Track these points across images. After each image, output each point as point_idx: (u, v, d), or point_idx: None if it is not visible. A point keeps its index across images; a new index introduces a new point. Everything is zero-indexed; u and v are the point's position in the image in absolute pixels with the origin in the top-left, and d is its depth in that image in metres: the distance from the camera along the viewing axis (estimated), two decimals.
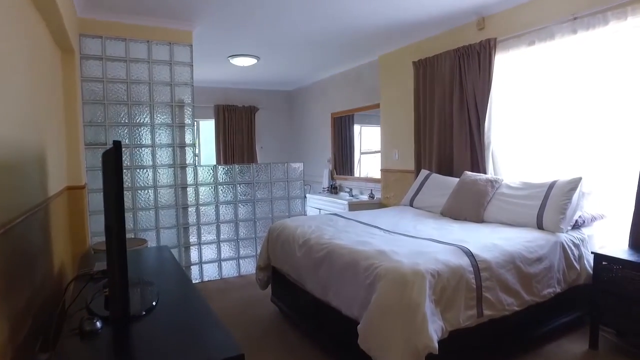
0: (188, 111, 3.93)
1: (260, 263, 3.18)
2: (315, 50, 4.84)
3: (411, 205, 3.78)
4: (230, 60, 5.08)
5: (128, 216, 3.70)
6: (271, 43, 4.50)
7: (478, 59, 3.62)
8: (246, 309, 3.35)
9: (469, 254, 2.14)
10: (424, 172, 3.93)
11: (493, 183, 3.15)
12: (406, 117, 4.55)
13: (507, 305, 2.20)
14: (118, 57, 3.57)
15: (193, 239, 4.05)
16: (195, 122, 6.84)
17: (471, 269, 2.08)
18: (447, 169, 4.01)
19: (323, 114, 6.36)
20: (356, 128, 6.08)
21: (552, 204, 2.66)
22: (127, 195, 3.69)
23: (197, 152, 6.69)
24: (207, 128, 6.87)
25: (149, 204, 3.79)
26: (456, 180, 3.54)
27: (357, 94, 5.54)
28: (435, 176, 3.80)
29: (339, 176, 6.02)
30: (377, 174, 5.48)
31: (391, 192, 4.82)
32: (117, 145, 1.38)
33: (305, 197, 4.89)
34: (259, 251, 4.29)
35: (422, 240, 2.40)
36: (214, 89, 6.75)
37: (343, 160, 6.14)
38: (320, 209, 5.48)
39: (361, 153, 6.09)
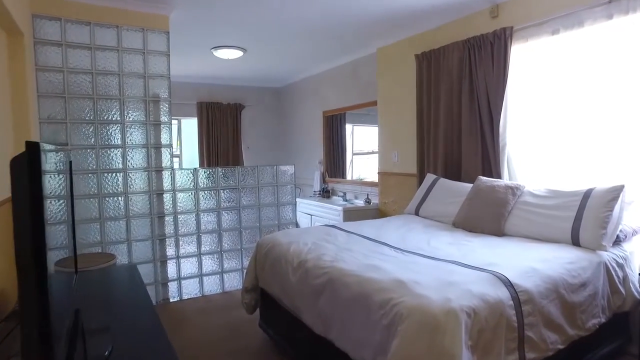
0: (164, 107, 3.44)
1: (247, 284, 2.71)
2: (306, 42, 4.39)
3: (417, 213, 3.35)
4: (214, 53, 4.59)
5: (94, 227, 3.19)
6: (258, 33, 4.03)
7: (491, 51, 3.21)
8: (230, 335, 2.88)
9: (507, 283, 1.71)
10: (430, 177, 3.51)
11: (514, 190, 2.74)
12: (407, 115, 4.13)
13: (551, 343, 1.78)
14: (81, 44, 3.05)
15: (171, 251, 3.56)
16: (176, 121, 6.38)
17: (511, 302, 1.66)
18: (454, 173, 3.60)
19: (314, 113, 5.91)
20: (348, 128, 5.66)
21: (590, 217, 2.26)
22: (93, 203, 3.18)
23: (177, 152, 6.18)
24: (190, 127, 6.35)
25: (118, 213, 3.29)
26: (468, 186, 3.13)
27: (352, 90, 5.10)
28: (444, 181, 3.39)
29: (332, 179, 5.58)
30: (371, 177, 5.08)
31: (390, 197, 4.39)
32: (32, 148, 0.91)
33: (295, 196, 4.44)
34: (245, 264, 3.83)
35: (443, 263, 1.97)
36: (197, 84, 6.23)
37: (335, 161, 5.70)
38: (311, 215, 5.02)
39: (353, 154, 5.67)
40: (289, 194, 4.00)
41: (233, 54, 4.59)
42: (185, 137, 6.34)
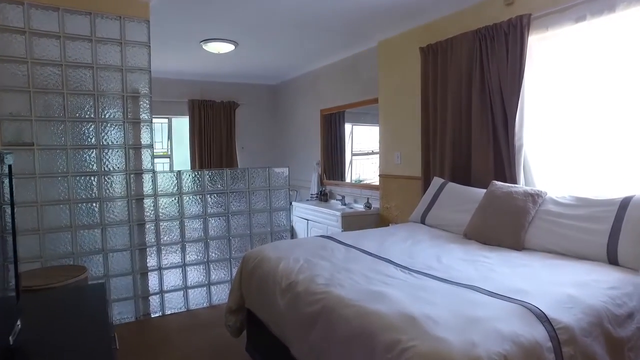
0: (145, 104, 3.09)
1: (231, 304, 2.37)
2: (302, 35, 4.05)
3: (423, 222, 3.01)
4: (204, 46, 4.25)
5: (64, 237, 2.85)
6: (250, 25, 3.70)
7: (505, 42, 2.87)
8: (214, 359, 2.54)
9: (543, 318, 1.37)
10: (437, 181, 3.17)
11: (535, 197, 2.40)
12: (411, 113, 3.79)
13: None
14: (49, 32, 2.71)
15: (152, 262, 3.22)
16: (166, 120, 6.03)
17: (549, 344, 1.31)
18: (463, 176, 3.26)
19: (311, 111, 5.56)
20: (347, 127, 5.32)
21: (629, 230, 1.92)
22: (64, 210, 2.84)
23: (167, 153, 5.84)
24: (181, 127, 6.00)
25: (92, 221, 2.94)
26: (481, 192, 2.79)
27: (352, 87, 4.75)
28: (453, 186, 3.04)
29: (330, 181, 5.24)
30: (370, 178, 4.75)
31: (392, 201, 4.05)
32: None
33: (291, 204, 4.11)
34: (234, 275, 3.49)
35: (460, 289, 1.63)
36: (188, 81, 5.89)
37: (333, 163, 5.36)
38: (308, 220, 4.68)
39: (352, 155, 5.33)
40: (282, 199, 3.66)
41: (224, 47, 4.24)
42: (176, 137, 6.00)
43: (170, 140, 5.95)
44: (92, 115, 2.89)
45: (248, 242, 3.53)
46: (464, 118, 3.25)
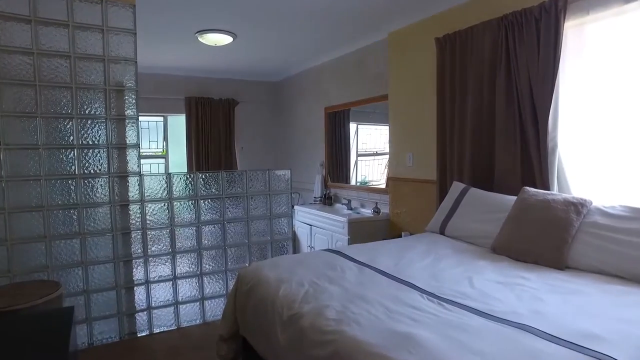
0: (130, 98, 2.74)
1: (223, 331, 2.02)
2: (305, 27, 3.69)
3: (442, 232, 2.65)
4: (199, 38, 3.89)
5: (37, 248, 2.50)
6: (249, 15, 3.34)
7: (536, 30, 2.52)
8: None
9: None
10: (458, 186, 2.81)
11: (578, 207, 2.04)
12: (425, 110, 3.43)
13: None
14: (17, 15, 2.36)
15: (139, 275, 2.87)
16: (161, 118, 5.68)
17: None
18: (484, 181, 2.90)
19: (315, 109, 5.20)
20: (352, 127, 4.97)
21: None
22: (36, 218, 2.49)
23: (163, 153, 5.49)
24: (177, 125, 5.64)
25: (70, 229, 2.60)
26: (509, 198, 2.44)
27: (359, 83, 4.39)
28: (476, 192, 2.68)
29: (334, 184, 4.88)
30: (377, 180, 4.41)
31: (403, 206, 3.69)
32: None
33: (292, 207, 3.75)
34: (230, 288, 3.14)
35: (510, 330, 1.26)
36: (185, 77, 5.53)
37: (337, 164, 5.01)
38: (311, 225, 4.33)
39: (357, 155, 4.97)
40: (284, 204, 3.31)
41: (221, 39, 3.89)
42: (172, 136, 5.64)
43: (166, 140, 5.60)
44: (69, 111, 2.54)
45: (246, 252, 3.17)
46: (486, 115, 2.90)
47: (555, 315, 1.36)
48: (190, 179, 2.99)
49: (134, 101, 2.75)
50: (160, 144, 5.59)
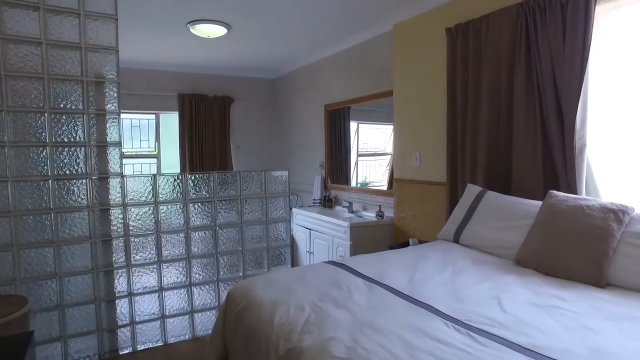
0: (111, 92, 2.45)
1: (211, 358, 1.73)
2: (304, 19, 3.41)
3: (457, 240, 2.37)
4: (191, 29, 3.60)
5: (3, 258, 2.21)
6: (245, 4, 3.06)
7: (562, 15, 2.24)
8: None
9: None
10: (473, 189, 2.53)
11: (618, 214, 1.76)
12: (434, 107, 3.16)
13: None
14: None
15: (121, 287, 2.58)
16: (153, 115, 5.36)
17: None
18: (500, 183, 2.63)
19: (314, 107, 4.92)
20: (352, 126, 4.69)
21: None
22: (2, 224, 2.20)
23: (154, 152, 5.19)
24: (170, 124, 5.34)
25: (42, 237, 2.31)
26: (532, 203, 2.17)
27: (361, 79, 4.11)
28: (494, 196, 2.41)
29: (335, 185, 4.60)
30: (378, 181, 4.15)
31: (409, 210, 3.41)
32: None
33: (290, 209, 3.47)
34: (223, 299, 2.85)
35: None
36: (178, 73, 5.23)
37: (337, 164, 4.73)
38: (310, 230, 4.05)
39: (358, 155, 4.70)
40: (281, 208, 3.02)
41: (215, 30, 3.60)
42: (164, 135, 5.34)
43: (158, 139, 5.30)
44: (41, 105, 2.25)
45: (240, 260, 2.89)
46: (503, 112, 2.62)
47: (615, 355, 1.09)
48: (178, 181, 2.70)
49: (115, 94, 2.46)
50: (152, 143, 5.29)
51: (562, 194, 2.03)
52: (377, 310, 1.40)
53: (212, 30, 3.60)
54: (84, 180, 2.40)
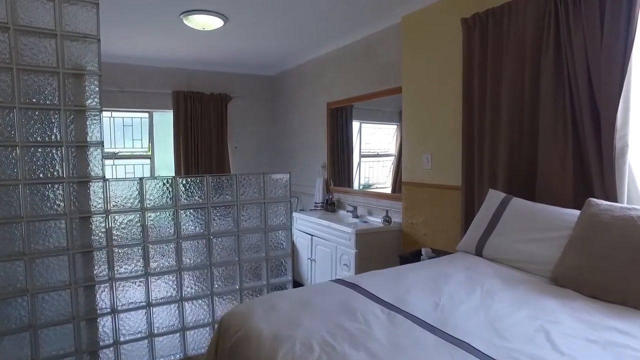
0: (92, 86, 2.17)
1: None
2: (307, 11, 3.13)
3: (479, 253, 2.09)
4: (185, 20, 3.32)
5: None
6: None
7: (600, 5, 1.97)
8: None
9: None
10: (496, 196, 2.25)
11: None
12: (447, 104, 2.88)
13: None
14: None
15: (103, 303, 2.29)
16: (146, 114, 5.05)
17: None
18: (523, 187, 2.36)
19: (316, 105, 4.64)
20: (354, 125, 4.43)
21: None
22: None
23: (148, 153, 4.91)
24: (164, 123, 5.05)
25: (11, 249, 2.01)
26: (569, 213, 1.89)
27: (367, 75, 3.84)
28: (520, 203, 2.13)
29: (337, 188, 4.32)
30: (382, 183, 3.91)
31: (419, 216, 3.14)
32: None
33: (291, 214, 3.19)
34: (218, 315, 2.57)
35: None
36: (172, 69, 4.94)
37: (340, 166, 4.46)
38: (312, 236, 3.77)
39: (360, 156, 4.43)
40: (282, 214, 2.74)
41: (210, 22, 3.32)
42: (158, 135, 5.05)
43: (152, 139, 5.01)
44: (9, 99, 1.96)
45: (236, 272, 2.61)
46: (528, 109, 2.36)
47: None
48: (168, 185, 2.41)
49: (97, 89, 2.17)
50: (145, 143, 5.00)
51: (604, 202, 1.76)
52: (404, 350, 1.12)
53: (207, 22, 3.32)
54: (61, 185, 2.11)
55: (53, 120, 2.07)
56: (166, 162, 5.03)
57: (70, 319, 2.17)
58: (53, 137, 2.07)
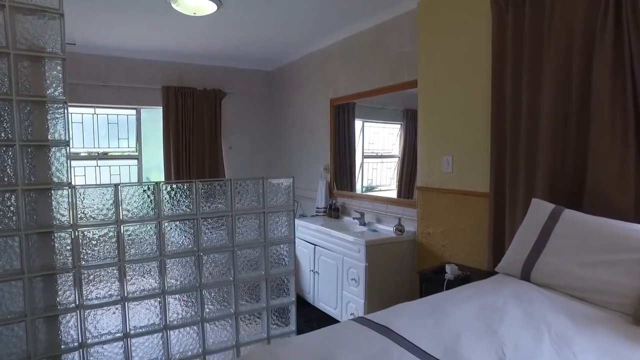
0: (54, 73, 1.74)
1: None
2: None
3: (527, 277, 1.69)
4: (173, 4, 2.89)
5: None
6: None
7: None
8: None
9: None
10: (543, 207, 1.85)
11: None
12: (471, 99, 2.49)
13: None
14: None
15: (69, 336, 1.86)
16: (134, 110, 4.58)
17: None
18: (569, 197, 1.97)
19: (318, 101, 4.23)
20: (357, 124, 4.06)
21: None
22: None
23: (135, 153, 4.46)
24: (153, 121, 4.61)
25: None
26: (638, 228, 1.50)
27: (375, 68, 3.43)
28: (575, 216, 1.73)
29: (342, 192, 3.92)
30: (387, 185, 3.56)
31: (438, 226, 2.74)
32: None
33: (294, 224, 2.78)
34: (210, 343, 2.15)
35: None
36: (162, 63, 4.50)
37: (342, 167, 4.07)
38: (315, 245, 3.36)
39: (363, 157, 4.06)
40: (284, 225, 2.32)
41: (202, 5, 2.89)
42: (146, 133, 4.60)
43: (139, 138, 4.57)
44: None
45: (231, 293, 2.19)
46: (575, 104, 1.97)
47: None
48: (149, 192, 1.99)
49: (60, 76, 1.75)
50: (133, 142, 4.55)
51: None
52: None
53: (198, 6, 2.89)
54: (13, 194, 1.68)
55: (2, 112, 1.64)
56: (156, 163, 4.60)
57: (24, 357, 1.74)
58: (2, 134, 1.64)
